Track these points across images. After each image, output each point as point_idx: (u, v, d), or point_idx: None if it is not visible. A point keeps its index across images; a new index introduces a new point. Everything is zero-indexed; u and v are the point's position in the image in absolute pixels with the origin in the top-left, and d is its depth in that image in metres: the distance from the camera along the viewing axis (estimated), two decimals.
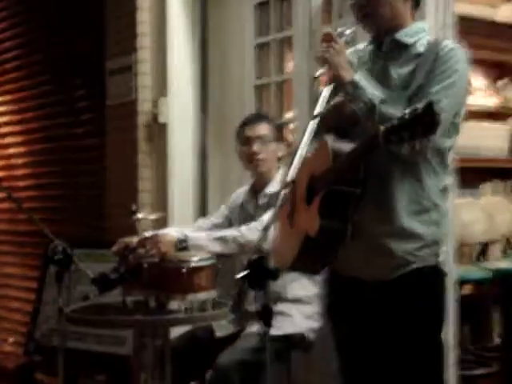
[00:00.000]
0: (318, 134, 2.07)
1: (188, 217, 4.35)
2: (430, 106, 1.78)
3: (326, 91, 2.10)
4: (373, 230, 2.14)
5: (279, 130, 4.09)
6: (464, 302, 3.84)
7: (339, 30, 2.21)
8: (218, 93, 4.49)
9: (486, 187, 4.93)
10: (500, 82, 5.14)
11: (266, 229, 2.04)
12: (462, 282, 3.87)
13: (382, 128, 1.86)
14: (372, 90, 2.07)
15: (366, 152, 2.02)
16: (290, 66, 4.19)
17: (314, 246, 2.15)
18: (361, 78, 2.09)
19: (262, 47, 4.27)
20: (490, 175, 4.98)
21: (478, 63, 4.93)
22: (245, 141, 3.30)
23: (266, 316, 2.03)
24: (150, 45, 4.54)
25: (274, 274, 2.03)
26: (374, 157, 2.04)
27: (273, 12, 4.20)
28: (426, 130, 1.79)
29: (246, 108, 4.16)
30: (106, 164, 4.88)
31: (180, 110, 4.46)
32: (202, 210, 4.42)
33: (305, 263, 2.24)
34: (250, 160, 3.30)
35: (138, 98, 4.53)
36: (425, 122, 1.78)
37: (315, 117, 2.07)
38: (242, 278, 2.01)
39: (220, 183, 4.37)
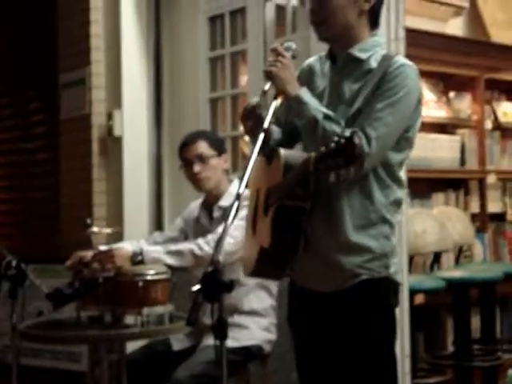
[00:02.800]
0: (266, 146, 2.10)
1: (143, 230, 4.34)
2: (350, 138, 1.79)
3: (274, 105, 2.11)
4: (323, 244, 2.16)
5: (234, 141, 4.11)
6: (418, 311, 3.91)
7: (286, 44, 2.21)
8: (172, 106, 4.49)
9: (439, 197, 5.02)
10: (450, 95, 5.23)
11: (219, 241, 2.05)
12: (416, 292, 3.93)
13: (313, 155, 1.90)
14: (316, 106, 2.09)
15: (302, 175, 2.02)
16: (244, 79, 4.22)
17: (268, 257, 2.17)
18: (305, 93, 2.11)
19: (216, 60, 4.29)
20: (442, 186, 5.07)
21: (428, 76, 5.02)
22: (185, 162, 3.27)
23: (220, 329, 2.04)
24: (104, 58, 4.52)
25: (228, 287, 2.04)
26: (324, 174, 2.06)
27: (227, 25, 4.22)
28: (347, 161, 1.80)
29: (200, 121, 4.17)
30: (60, 178, 4.84)
31: (134, 122, 4.45)
32: (158, 224, 4.41)
33: (264, 271, 2.26)
34: (193, 181, 3.29)
35: (92, 111, 4.50)
36: (346, 153, 1.79)
37: (264, 130, 2.08)
38: (197, 291, 2.02)
39: (175, 196, 4.37)
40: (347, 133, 1.81)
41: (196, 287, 2.04)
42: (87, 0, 4.52)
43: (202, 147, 3.26)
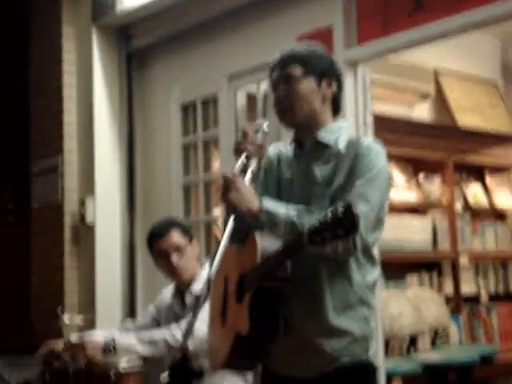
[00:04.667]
0: (237, 230, 2.10)
1: (116, 317, 4.29)
2: (349, 207, 1.82)
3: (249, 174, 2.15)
4: (302, 328, 2.13)
5: (207, 226, 4.11)
6: None
7: (256, 123, 2.26)
8: (145, 192, 4.51)
9: (413, 279, 5.02)
10: (420, 177, 5.31)
11: (188, 329, 2.03)
12: (392, 376, 3.89)
13: (305, 229, 1.90)
14: (284, 209, 2.11)
15: (292, 251, 2.03)
16: (217, 164, 4.26)
17: (245, 344, 2.13)
18: (268, 202, 2.12)
19: (188, 147, 4.34)
20: (415, 267, 5.09)
21: (398, 159, 5.10)
22: (160, 254, 3.19)
23: None
24: (77, 146, 4.55)
25: (198, 374, 2.01)
26: (303, 254, 2.05)
27: (199, 112, 4.29)
28: (347, 231, 1.83)
29: (173, 206, 4.18)
30: (31, 267, 4.78)
31: (107, 209, 4.45)
32: (131, 310, 4.35)
33: (237, 361, 2.21)
34: (170, 271, 3.21)
35: (65, 198, 4.50)
36: (345, 223, 1.82)
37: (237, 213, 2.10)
38: (167, 379, 1.98)
39: (148, 283, 4.33)
40: (342, 205, 1.83)
41: (165, 376, 2.01)
42: (60, 89, 4.57)
43: (177, 236, 3.21)
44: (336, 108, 2.29)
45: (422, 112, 5.46)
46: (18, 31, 5.10)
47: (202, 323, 2.83)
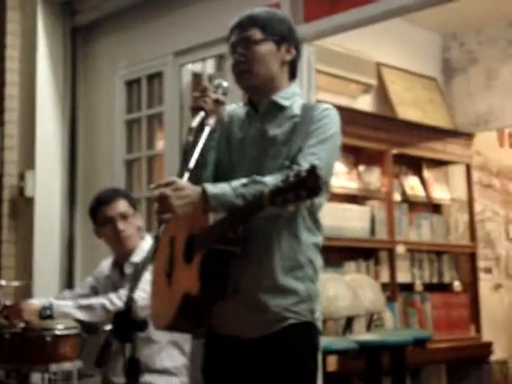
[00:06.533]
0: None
1: (54, 291, 4.22)
2: (313, 169, 1.81)
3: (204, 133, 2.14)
4: (250, 287, 2.14)
5: (149, 202, 4.10)
6: (331, 378, 3.91)
7: (217, 81, 2.27)
8: (87, 167, 4.47)
9: (350, 266, 5.10)
10: (360, 168, 5.40)
11: (134, 282, 2.03)
12: (329, 353, 3.94)
13: (266, 190, 1.89)
14: (227, 186, 2.07)
15: (250, 212, 2.02)
16: (160, 143, 4.25)
17: (193, 305, 2.12)
18: (208, 186, 2.06)
19: (132, 123, 4.32)
20: (353, 255, 5.16)
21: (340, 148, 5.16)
22: (106, 220, 3.19)
23: (133, 369, 1.99)
24: (17, 119, 4.49)
25: (141, 326, 2.01)
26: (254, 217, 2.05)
27: (144, 89, 4.28)
28: (310, 193, 1.82)
29: (115, 182, 4.16)
30: None
31: (47, 183, 4.40)
32: (69, 285, 4.31)
33: (184, 322, 2.19)
34: (115, 239, 3.20)
35: (4, 172, 4.43)
36: (309, 185, 1.81)
37: (189, 170, 2.10)
38: (109, 330, 1.97)
39: (87, 256, 4.30)
40: (305, 167, 1.83)
41: (108, 327, 2.00)
42: (3, 61, 4.50)
43: (123, 205, 3.22)
44: (293, 73, 2.31)
45: (364, 104, 5.55)
46: None
47: (142, 291, 2.84)
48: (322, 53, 4.38)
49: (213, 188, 2.08)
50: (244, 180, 2.09)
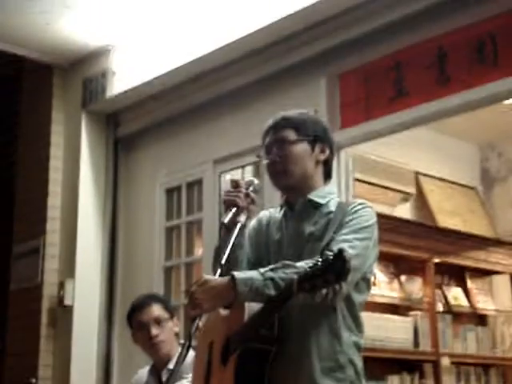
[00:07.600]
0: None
1: None
2: (340, 253, 1.80)
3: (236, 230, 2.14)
4: None
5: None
6: None
7: (248, 179, 2.30)
8: (126, 273, 4.48)
9: (394, 380, 4.92)
10: (401, 277, 5.31)
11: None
12: None
13: (295, 277, 1.87)
14: (255, 272, 2.05)
15: (280, 302, 1.98)
16: (199, 250, 4.26)
17: None
18: (236, 273, 2.05)
19: (171, 230, 4.35)
20: (396, 368, 4.99)
21: (379, 257, 5.09)
22: (140, 326, 3.16)
23: None
24: (59, 228, 4.55)
25: None
26: (292, 312, 2.03)
27: (183, 196, 4.33)
28: (338, 276, 1.79)
29: (154, 289, 4.14)
30: (7, 351, 4.67)
31: (87, 292, 4.41)
32: None
33: None
34: (149, 345, 3.15)
35: (44, 280, 4.45)
36: (336, 268, 1.79)
37: (221, 266, 2.09)
38: None
39: (125, 365, 4.22)
40: (332, 251, 1.81)
41: None
42: (47, 172, 4.62)
43: (158, 310, 3.18)
44: (328, 173, 2.32)
45: (403, 213, 5.52)
46: (7, 117, 5.20)
47: None
48: (362, 162, 4.44)
49: (241, 273, 2.06)
50: (272, 265, 2.07)
